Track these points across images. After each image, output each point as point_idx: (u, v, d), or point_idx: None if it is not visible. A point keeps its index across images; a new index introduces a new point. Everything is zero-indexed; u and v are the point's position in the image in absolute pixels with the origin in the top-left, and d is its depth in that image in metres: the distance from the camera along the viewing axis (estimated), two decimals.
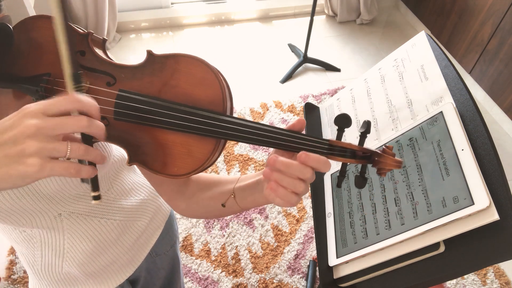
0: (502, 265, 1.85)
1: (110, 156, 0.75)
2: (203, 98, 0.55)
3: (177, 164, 0.55)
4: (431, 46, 0.81)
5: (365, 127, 0.57)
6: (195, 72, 0.55)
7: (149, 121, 0.54)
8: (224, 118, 0.54)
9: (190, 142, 0.55)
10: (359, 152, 0.57)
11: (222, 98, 0.55)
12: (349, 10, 3.13)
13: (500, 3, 2.32)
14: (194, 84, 0.55)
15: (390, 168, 0.56)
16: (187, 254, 1.82)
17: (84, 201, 0.75)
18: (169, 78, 0.56)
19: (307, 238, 1.89)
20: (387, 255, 0.67)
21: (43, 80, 0.55)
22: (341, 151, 0.56)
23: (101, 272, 0.83)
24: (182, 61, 0.55)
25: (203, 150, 0.55)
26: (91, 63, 0.57)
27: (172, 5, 3.00)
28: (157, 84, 0.56)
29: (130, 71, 0.57)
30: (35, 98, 0.55)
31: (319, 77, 2.74)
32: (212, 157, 0.56)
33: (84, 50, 0.58)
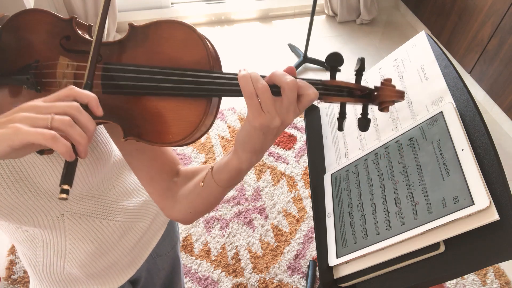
0: (502, 265, 1.85)
1: (111, 154, 0.75)
2: (188, 59, 0.55)
3: (172, 130, 0.55)
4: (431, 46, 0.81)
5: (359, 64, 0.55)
6: (177, 34, 0.55)
7: (137, 89, 0.54)
8: (211, 74, 0.53)
9: (181, 106, 0.54)
10: (356, 91, 0.55)
11: (207, 56, 0.54)
12: (349, 10, 3.13)
13: (500, 3, 2.32)
14: (178, 47, 0.55)
15: (392, 99, 0.54)
16: (187, 254, 1.82)
17: (87, 201, 0.75)
18: (152, 45, 0.56)
19: (307, 238, 1.89)
20: (387, 255, 0.67)
21: (32, 67, 0.55)
22: (337, 90, 0.55)
23: (102, 273, 0.83)
24: (163, 26, 0.56)
25: (195, 112, 0.54)
26: (76, 45, 0.58)
27: (172, 5, 3.00)
28: (141, 54, 0.56)
29: (115, 46, 0.57)
30: (27, 87, 0.56)
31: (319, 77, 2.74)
32: (206, 119, 0.55)
33: (69, 35, 0.58)
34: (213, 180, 0.62)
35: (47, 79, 0.56)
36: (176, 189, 0.69)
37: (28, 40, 0.58)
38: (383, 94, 0.55)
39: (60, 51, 0.58)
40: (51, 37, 0.58)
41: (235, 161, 0.57)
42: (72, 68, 0.56)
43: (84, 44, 0.58)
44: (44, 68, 0.56)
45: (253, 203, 2.01)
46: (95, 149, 0.70)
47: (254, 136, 0.53)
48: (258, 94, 0.50)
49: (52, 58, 0.57)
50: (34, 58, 0.57)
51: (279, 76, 0.50)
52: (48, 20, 0.58)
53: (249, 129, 0.52)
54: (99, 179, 0.74)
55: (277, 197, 2.04)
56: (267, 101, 0.49)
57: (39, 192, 0.66)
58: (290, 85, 0.50)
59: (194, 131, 0.54)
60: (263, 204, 2.01)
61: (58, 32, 0.58)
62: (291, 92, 0.50)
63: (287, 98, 0.50)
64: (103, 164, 0.72)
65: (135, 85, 0.54)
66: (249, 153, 0.55)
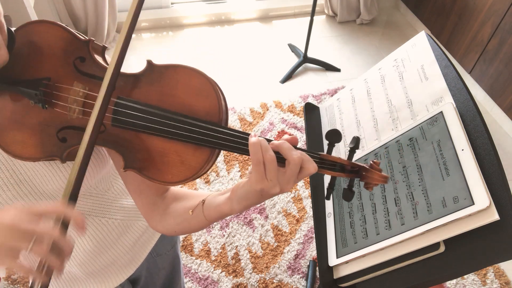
0: (502, 265, 1.85)
1: (109, 160, 0.75)
2: (200, 108, 0.56)
3: (172, 171, 0.56)
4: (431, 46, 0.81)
5: (354, 143, 0.60)
6: (193, 83, 0.56)
7: (146, 129, 0.55)
8: (220, 129, 0.55)
9: (185, 151, 0.56)
10: (347, 167, 0.59)
11: (219, 109, 0.56)
12: (349, 10, 3.13)
13: (500, 3, 2.32)
14: (192, 94, 0.56)
15: (377, 183, 0.59)
16: (187, 254, 1.82)
17: (85, 200, 0.75)
18: (167, 87, 0.57)
19: (307, 238, 1.89)
20: (387, 255, 0.67)
21: (42, 84, 0.55)
22: (331, 165, 0.59)
23: (101, 272, 0.84)
24: (181, 71, 0.56)
25: (197, 159, 0.56)
26: (90, 69, 0.58)
27: (172, 5, 3.00)
28: (155, 93, 0.57)
29: (129, 79, 0.58)
30: (34, 102, 0.55)
31: (319, 77, 2.74)
32: (206, 166, 0.57)
33: (84, 57, 0.58)
34: (202, 214, 0.64)
35: (56, 100, 0.57)
36: (163, 206, 0.70)
37: (40, 51, 0.58)
38: (370, 177, 0.59)
39: (74, 74, 0.58)
40: (65, 55, 0.58)
41: (227, 208, 0.59)
42: (83, 95, 0.57)
43: (98, 69, 0.58)
44: (55, 90, 0.57)
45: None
46: (94, 153, 0.70)
47: (252, 195, 0.55)
48: (265, 163, 0.53)
49: (65, 81, 0.57)
50: (45, 73, 0.57)
51: (286, 149, 0.54)
52: (65, 37, 0.58)
53: (249, 190, 0.55)
54: (96, 180, 0.75)
55: (277, 197, 2.04)
56: (272, 171, 0.53)
57: (39, 194, 0.67)
58: (296, 161, 0.53)
59: (193, 175, 0.56)
60: (263, 204, 2.01)
61: (73, 51, 0.58)
62: (295, 167, 0.53)
63: (291, 171, 0.54)
64: (102, 167, 0.72)
65: (144, 125, 0.55)
66: (242, 206, 0.58)
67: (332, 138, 0.59)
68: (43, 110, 0.57)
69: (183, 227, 0.68)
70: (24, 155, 0.57)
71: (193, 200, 0.68)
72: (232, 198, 0.58)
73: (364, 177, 0.59)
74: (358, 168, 0.60)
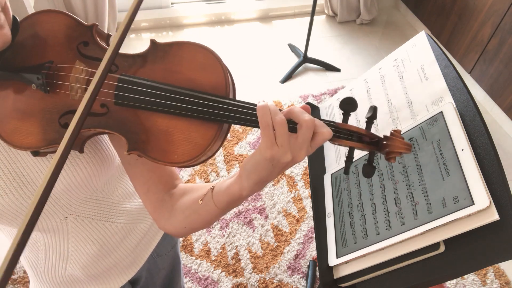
0: (502, 265, 1.85)
1: (115, 158, 0.75)
2: (205, 83, 0.54)
3: (177, 151, 0.54)
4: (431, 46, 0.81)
5: (372, 112, 0.56)
6: (198, 58, 0.55)
7: (149, 104, 0.53)
8: (226, 100, 0.53)
9: (191, 127, 0.54)
10: (366, 138, 0.56)
11: (225, 82, 0.54)
12: (349, 10, 3.13)
13: (500, 3, 2.32)
14: (197, 69, 0.55)
15: (399, 151, 0.55)
16: (187, 254, 1.82)
17: (90, 204, 0.75)
18: (171, 64, 0.56)
19: (307, 238, 1.89)
20: (387, 255, 0.67)
21: (45, 67, 0.55)
22: (348, 134, 0.55)
23: (104, 274, 0.84)
24: (185, 47, 0.55)
25: (204, 136, 0.53)
26: (93, 52, 0.58)
27: (172, 5, 3.00)
28: (159, 71, 0.56)
29: (133, 59, 0.57)
30: (36, 86, 0.55)
31: (319, 77, 2.74)
32: (214, 144, 0.54)
33: (88, 41, 0.58)
34: (212, 201, 0.61)
35: (59, 81, 0.56)
36: (171, 202, 0.68)
37: (44, 39, 0.58)
38: (392, 145, 0.55)
39: (77, 56, 0.57)
40: (68, 40, 0.58)
41: (237, 187, 0.57)
42: (86, 74, 0.56)
43: (102, 52, 0.57)
44: (57, 70, 0.56)
45: (253, 203, 2.01)
46: (98, 152, 0.69)
47: (262, 166, 0.52)
48: (274, 127, 0.50)
49: (67, 61, 0.57)
50: (48, 58, 0.57)
51: (297, 113, 0.51)
52: (68, 23, 0.58)
53: (259, 159, 0.52)
54: (103, 182, 0.74)
55: (277, 197, 2.04)
56: (282, 134, 0.50)
57: None
58: (308, 123, 0.50)
59: (200, 154, 0.54)
60: (263, 204, 2.01)
61: (77, 36, 0.58)
62: (307, 130, 0.51)
63: (303, 135, 0.51)
64: (107, 167, 0.72)
65: (148, 101, 0.53)
66: (253, 182, 0.55)
67: (347, 106, 0.55)
68: (45, 95, 0.56)
69: (192, 220, 0.65)
70: (25, 144, 0.56)
71: (201, 190, 0.65)
72: (242, 174, 0.55)
73: (385, 146, 0.56)
74: (377, 138, 0.56)
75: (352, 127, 0.55)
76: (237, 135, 2.28)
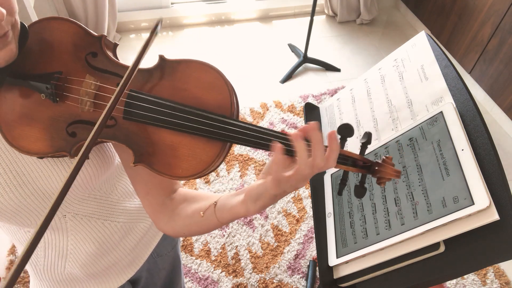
0: (502, 265, 1.85)
1: (114, 158, 0.75)
2: (211, 102, 0.56)
3: (182, 165, 0.56)
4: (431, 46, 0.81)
5: (366, 138, 0.59)
6: (205, 77, 0.56)
7: (157, 121, 0.55)
8: (232, 122, 0.54)
9: (196, 144, 0.55)
10: (359, 162, 0.59)
11: (230, 103, 0.56)
12: (349, 10, 3.13)
13: (500, 3, 2.32)
14: (204, 88, 0.56)
15: (390, 177, 0.58)
16: (187, 254, 1.82)
17: (89, 203, 0.75)
18: (179, 82, 0.57)
19: (307, 238, 1.89)
20: (387, 255, 0.67)
21: (54, 78, 0.55)
22: (343, 159, 0.58)
23: (103, 273, 0.84)
24: (193, 66, 0.57)
25: (208, 153, 0.55)
26: (102, 64, 0.58)
27: (172, 5, 3.00)
28: (167, 87, 0.57)
29: (141, 73, 0.58)
30: (45, 96, 0.56)
31: (319, 77, 2.74)
32: (217, 160, 0.56)
33: (96, 52, 0.59)
34: (215, 216, 0.63)
35: (68, 93, 0.57)
36: (171, 206, 0.69)
37: (52, 47, 0.58)
38: (383, 171, 0.58)
39: (86, 68, 0.58)
40: (76, 50, 0.58)
41: (243, 210, 0.58)
42: (95, 88, 0.57)
43: (110, 64, 0.58)
44: (67, 82, 0.57)
45: None
46: (99, 152, 0.70)
47: (266, 197, 0.54)
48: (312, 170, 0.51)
49: (77, 74, 0.57)
50: (57, 67, 0.57)
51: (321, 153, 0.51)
52: (77, 32, 0.59)
53: (264, 193, 0.54)
54: (101, 181, 0.74)
55: None
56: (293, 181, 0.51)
57: (42, 196, 0.66)
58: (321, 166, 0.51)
59: (204, 170, 0.55)
60: None
61: (85, 46, 0.59)
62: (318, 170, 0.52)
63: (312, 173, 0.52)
64: (107, 167, 0.72)
65: (155, 118, 0.55)
66: (259, 207, 0.57)
67: (344, 132, 0.58)
68: (54, 104, 0.57)
69: (191, 229, 0.67)
70: (32, 150, 0.57)
71: (203, 202, 0.67)
72: (247, 200, 0.57)
73: (377, 172, 0.59)
74: (370, 163, 0.59)
75: (347, 152, 0.58)
76: None
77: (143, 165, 0.57)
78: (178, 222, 0.68)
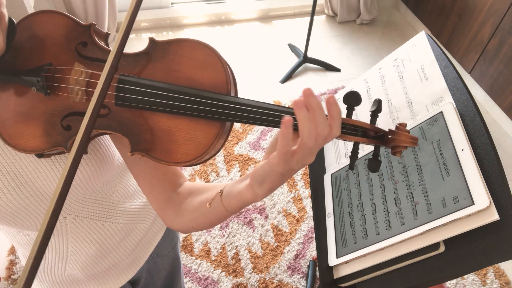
0: (502, 265, 1.85)
1: (115, 159, 0.74)
2: (206, 81, 0.54)
3: (181, 150, 0.53)
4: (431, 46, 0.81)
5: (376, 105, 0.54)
6: (197, 55, 0.54)
7: (151, 104, 0.53)
8: (228, 99, 0.52)
9: (193, 126, 0.53)
10: (370, 132, 0.54)
11: (226, 80, 0.53)
12: (349, 10, 3.13)
13: (500, 3, 2.32)
14: (197, 67, 0.54)
15: (405, 145, 0.54)
16: (187, 254, 1.82)
17: (89, 204, 0.75)
18: (171, 62, 0.55)
19: (307, 238, 1.89)
20: (387, 255, 0.67)
21: (44, 70, 0.54)
22: (352, 129, 0.54)
23: (103, 274, 0.83)
24: (184, 45, 0.55)
25: (207, 135, 0.53)
26: (92, 52, 0.57)
27: (172, 5, 3.00)
28: (159, 69, 0.55)
29: (132, 58, 0.56)
30: (36, 89, 0.55)
31: (319, 77, 2.74)
32: (217, 142, 0.54)
33: (86, 41, 0.57)
34: (221, 205, 0.60)
35: (58, 83, 0.55)
36: (178, 201, 0.68)
37: (42, 41, 0.57)
38: (398, 139, 0.54)
39: (75, 57, 0.57)
40: (67, 41, 0.57)
41: (250, 195, 0.55)
42: (85, 76, 0.55)
43: (101, 52, 0.57)
44: (57, 72, 0.56)
45: (253, 203, 2.01)
46: (98, 153, 0.69)
47: (273, 177, 0.51)
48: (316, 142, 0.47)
49: (66, 63, 0.56)
50: (47, 60, 0.56)
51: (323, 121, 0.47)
52: (66, 24, 0.58)
53: (269, 172, 0.51)
54: (102, 182, 0.74)
55: (277, 197, 2.04)
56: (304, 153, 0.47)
57: (41, 196, 0.66)
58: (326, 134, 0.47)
59: (203, 153, 0.53)
60: (263, 204, 2.01)
61: (75, 36, 0.57)
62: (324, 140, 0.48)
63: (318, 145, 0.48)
64: (107, 168, 0.72)
65: (149, 101, 0.53)
66: (266, 189, 0.53)
67: (351, 101, 0.53)
68: (46, 98, 0.56)
69: (200, 222, 0.64)
70: (29, 147, 0.56)
71: (209, 192, 0.64)
72: (252, 183, 0.54)
73: (391, 140, 0.54)
74: (382, 132, 0.54)
75: (356, 121, 0.54)
76: (237, 135, 2.28)
77: (140, 154, 0.54)
78: (186, 217, 0.65)
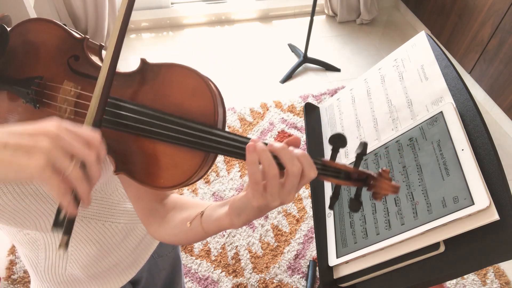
0: (502, 265, 1.85)
1: None
2: (194, 109, 0.53)
3: (164, 175, 0.53)
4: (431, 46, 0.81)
5: (361, 148, 0.54)
6: (187, 82, 0.53)
7: (138, 130, 0.53)
8: (214, 132, 0.51)
9: (178, 154, 0.53)
10: (354, 174, 0.54)
11: (214, 110, 0.52)
12: (349, 10, 3.13)
13: (500, 3, 2.32)
14: (186, 94, 0.53)
15: (386, 193, 0.53)
16: (187, 254, 1.82)
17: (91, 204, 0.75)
18: (161, 87, 0.54)
19: (307, 238, 1.89)
20: (387, 255, 0.67)
21: (34, 83, 0.54)
22: (335, 172, 0.53)
23: (104, 274, 0.84)
24: (175, 70, 0.54)
25: (191, 163, 0.52)
26: (84, 68, 0.56)
27: (172, 5, 3.00)
28: (148, 93, 0.54)
29: (123, 78, 0.55)
30: (26, 101, 0.54)
31: (319, 77, 2.74)
32: (200, 171, 0.53)
33: (78, 55, 0.57)
34: (201, 226, 0.61)
35: (47, 100, 0.55)
36: (163, 212, 0.68)
37: (35, 50, 0.56)
38: (379, 186, 0.53)
39: (66, 71, 0.56)
40: (59, 53, 0.57)
41: (228, 223, 0.56)
42: (74, 95, 0.54)
43: (92, 68, 0.56)
44: (46, 88, 0.55)
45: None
46: None
47: (250, 211, 0.52)
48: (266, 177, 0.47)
49: (56, 79, 0.56)
50: (39, 71, 0.56)
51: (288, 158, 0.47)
52: (59, 34, 0.57)
53: (247, 205, 0.51)
54: (102, 182, 0.74)
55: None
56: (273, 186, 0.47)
57: (40, 196, 0.66)
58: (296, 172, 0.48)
59: (187, 180, 0.53)
60: None
61: (67, 49, 0.57)
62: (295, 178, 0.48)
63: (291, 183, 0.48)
64: (106, 169, 0.72)
65: (136, 126, 0.52)
66: (243, 221, 0.54)
67: (336, 142, 0.53)
68: (36, 110, 0.55)
69: (180, 238, 0.65)
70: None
71: (191, 210, 0.65)
72: (231, 213, 0.55)
73: (372, 186, 0.54)
74: (365, 176, 0.54)
75: (339, 165, 0.53)
76: None
77: (124, 174, 0.54)
78: (168, 230, 0.66)
